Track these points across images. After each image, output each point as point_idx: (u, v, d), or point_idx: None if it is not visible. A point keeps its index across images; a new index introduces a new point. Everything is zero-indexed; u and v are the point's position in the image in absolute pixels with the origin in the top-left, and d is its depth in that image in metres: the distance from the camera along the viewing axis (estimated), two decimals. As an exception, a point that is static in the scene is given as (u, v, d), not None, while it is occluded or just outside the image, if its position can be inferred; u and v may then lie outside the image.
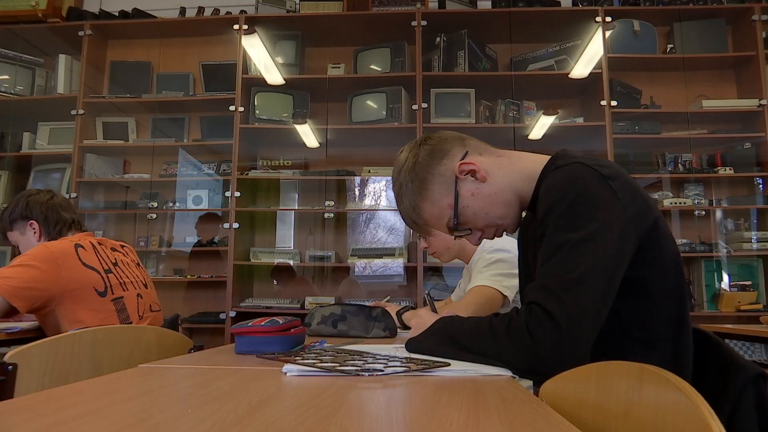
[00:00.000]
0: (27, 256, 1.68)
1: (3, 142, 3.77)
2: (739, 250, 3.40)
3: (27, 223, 1.91)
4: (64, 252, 1.71)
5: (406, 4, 3.74)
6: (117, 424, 0.50)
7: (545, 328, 0.87)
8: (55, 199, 1.97)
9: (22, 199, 1.94)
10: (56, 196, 1.99)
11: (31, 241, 1.90)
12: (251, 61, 3.64)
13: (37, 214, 1.91)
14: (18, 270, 1.63)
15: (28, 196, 1.95)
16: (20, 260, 1.66)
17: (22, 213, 1.91)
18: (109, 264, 1.82)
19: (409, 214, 1.16)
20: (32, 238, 1.90)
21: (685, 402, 0.54)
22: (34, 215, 1.91)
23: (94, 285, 1.73)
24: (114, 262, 1.85)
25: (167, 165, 3.80)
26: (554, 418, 0.55)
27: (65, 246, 1.74)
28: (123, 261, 1.90)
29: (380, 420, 0.54)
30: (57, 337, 1.01)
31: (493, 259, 1.83)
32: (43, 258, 1.66)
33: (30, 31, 3.83)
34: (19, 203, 1.93)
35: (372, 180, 3.69)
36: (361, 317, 1.59)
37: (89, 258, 1.76)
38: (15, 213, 1.92)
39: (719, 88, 3.69)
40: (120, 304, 1.77)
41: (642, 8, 3.61)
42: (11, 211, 1.93)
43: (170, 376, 0.83)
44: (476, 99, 3.62)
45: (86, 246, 1.79)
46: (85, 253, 1.76)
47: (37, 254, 1.68)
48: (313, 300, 3.43)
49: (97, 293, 1.72)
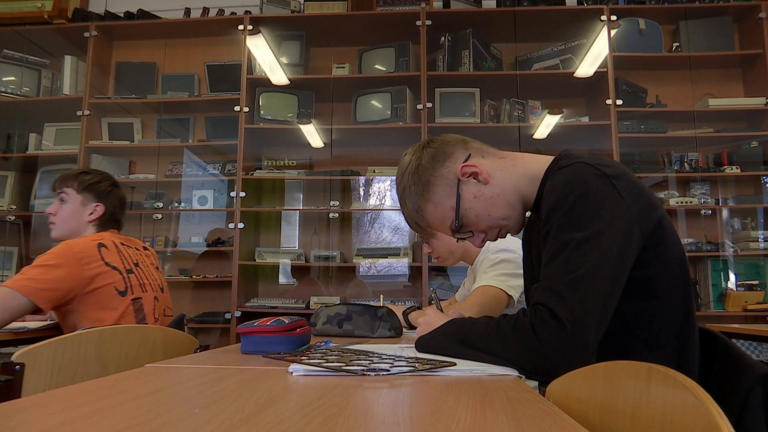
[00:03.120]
0: (50, 255, 1.65)
1: (9, 142, 3.79)
2: (746, 250, 3.38)
3: (94, 203, 1.88)
4: (87, 252, 1.70)
5: (411, 3, 3.74)
6: (124, 423, 0.50)
7: (550, 328, 0.87)
8: (125, 206, 1.99)
9: (109, 183, 1.93)
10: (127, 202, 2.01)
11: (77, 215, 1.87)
12: (256, 61, 3.65)
13: (110, 206, 1.90)
14: (41, 270, 1.62)
15: (114, 184, 1.95)
16: (43, 259, 1.64)
17: (101, 192, 1.89)
18: (130, 264, 1.81)
19: (413, 217, 1.16)
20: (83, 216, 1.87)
21: (693, 402, 0.54)
22: (108, 204, 1.90)
23: (115, 285, 1.72)
24: (135, 263, 1.84)
25: (172, 165, 3.81)
26: (561, 418, 0.55)
27: (88, 245, 1.73)
28: (144, 263, 1.89)
29: (386, 420, 0.54)
30: (63, 337, 1.02)
31: (498, 259, 1.83)
32: (67, 258, 1.65)
33: (36, 32, 3.85)
34: (105, 182, 1.91)
35: (377, 180, 3.69)
36: (367, 317, 1.59)
37: (111, 258, 1.75)
38: (96, 187, 1.89)
39: (725, 86, 3.67)
40: (138, 305, 1.77)
41: (647, 6, 3.60)
42: (95, 181, 1.90)
43: (177, 375, 0.84)
44: (481, 98, 3.61)
45: (109, 246, 1.78)
46: (108, 252, 1.75)
47: (60, 253, 1.66)
48: (318, 300, 3.44)
49: (117, 293, 1.72)
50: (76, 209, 1.88)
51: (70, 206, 1.88)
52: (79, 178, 1.90)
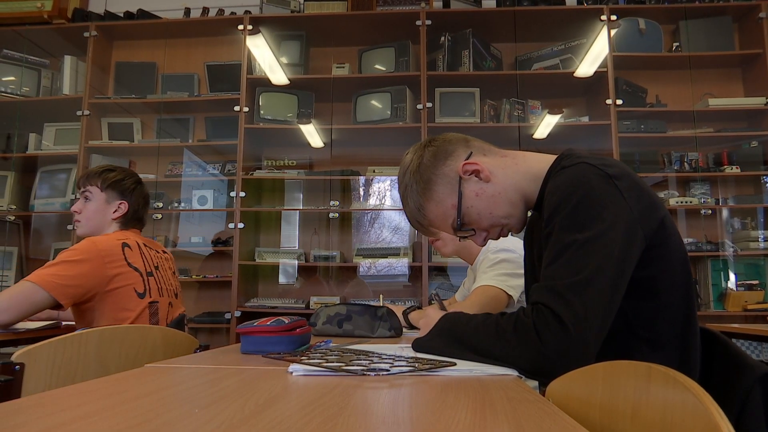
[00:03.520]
0: (74, 251, 1.64)
1: (9, 142, 3.79)
2: (746, 249, 3.38)
3: (119, 201, 1.87)
4: (111, 250, 1.69)
5: (411, 3, 3.73)
6: (124, 423, 0.50)
7: (554, 330, 0.87)
8: (148, 204, 1.97)
9: (134, 180, 1.91)
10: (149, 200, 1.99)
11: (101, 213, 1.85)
12: (256, 61, 3.65)
13: (133, 204, 1.89)
14: (65, 266, 1.60)
15: (138, 181, 1.93)
16: (66, 255, 1.63)
17: (126, 190, 1.88)
18: (151, 267, 1.80)
19: (415, 215, 1.16)
20: (107, 213, 1.86)
21: (693, 402, 0.54)
22: (131, 202, 1.88)
23: (134, 286, 1.71)
24: (156, 266, 1.83)
25: (172, 165, 3.81)
26: (561, 418, 0.55)
27: (112, 244, 1.72)
28: (163, 266, 1.88)
29: (386, 420, 0.54)
30: (64, 337, 1.01)
31: (498, 258, 1.83)
32: (91, 254, 1.64)
33: (36, 32, 3.85)
34: (129, 179, 1.90)
35: (377, 180, 3.68)
36: (367, 317, 1.59)
37: (134, 258, 1.75)
38: (121, 185, 1.88)
39: (725, 86, 3.67)
40: (154, 308, 1.76)
41: (647, 6, 3.60)
42: (120, 179, 1.88)
43: (176, 375, 0.84)
44: (481, 98, 3.61)
45: (132, 246, 1.77)
46: (131, 252, 1.75)
47: (84, 250, 1.64)
48: (318, 300, 3.44)
49: (136, 294, 1.71)
50: (101, 207, 1.87)
51: (95, 204, 1.87)
52: (103, 175, 1.88)
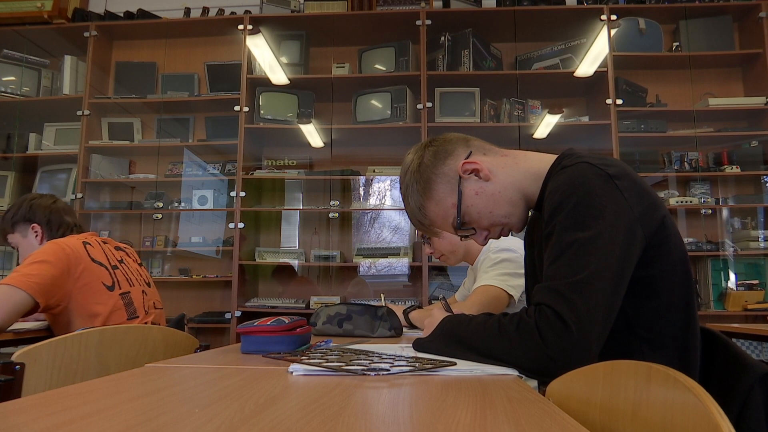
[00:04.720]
0: (41, 253, 1.68)
1: (9, 142, 3.79)
2: (746, 249, 3.38)
3: (29, 226, 1.93)
4: (74, 248, 1.73)
5: (411, 3, 3.73)
6: (124, 423, 0.50)
7: (556, 331, 0.87)
8: (58, 204, 1.99)
9: (26, 203, 1.96)
10: (58, 200, 2.02)
11: (32, 244, 1.91)
12: (256, 61, 3.65)
13: (41, 218, 1.93)
14: (37, 267, 1.64)
15: (31, 200, 1.97)
16: (36, 257, 1.67)
17: (25, 216, 1.93)
18: (115, 261, 1.85)
19: (415, 215, 1.17)
20: (34, 240, 1.92)
21: (693, 402, 0.54)
22: (37, 218, 1.93)
23: (102, 280, 1.75)
24: (120, 260, 1.88)
25: (172, 165, 3.81)
26: (561, 418, 0.55)
27: (74, 242, 1.76)
28: (126, 260, 1.93)
29: (386, 419, 0.54)
30: (64, 337, 1.02)
31: (499, 258, 1.83)
32: (57, 254, 1.68)
33: (36, 32, 3.85)
34: (23, 206, 1.95)
35: (377, 179, 3.68)
36: (367, 317, 1.59)
37: (97, 254, 1.79)
38: (18, 216, 1.94)
39: (726, 86, 3.67)
40: (127, 299, 1.80)
41: (647, 6, 3.60)
42: (14, 213, 1.95)
43: (177, 375, 0.84)
44: (481, 98, 3.61)
45: (93, 243, 1.82)
46: (93, 249, 1.79)
47: (51, 251, 1.69)
48: (318, 299, 3.44)
49: (105, 287, 1.75)
50: (26, 243, 1.94)
51: (22, 246, 1.94)
52: (4, 224, 1.96)
